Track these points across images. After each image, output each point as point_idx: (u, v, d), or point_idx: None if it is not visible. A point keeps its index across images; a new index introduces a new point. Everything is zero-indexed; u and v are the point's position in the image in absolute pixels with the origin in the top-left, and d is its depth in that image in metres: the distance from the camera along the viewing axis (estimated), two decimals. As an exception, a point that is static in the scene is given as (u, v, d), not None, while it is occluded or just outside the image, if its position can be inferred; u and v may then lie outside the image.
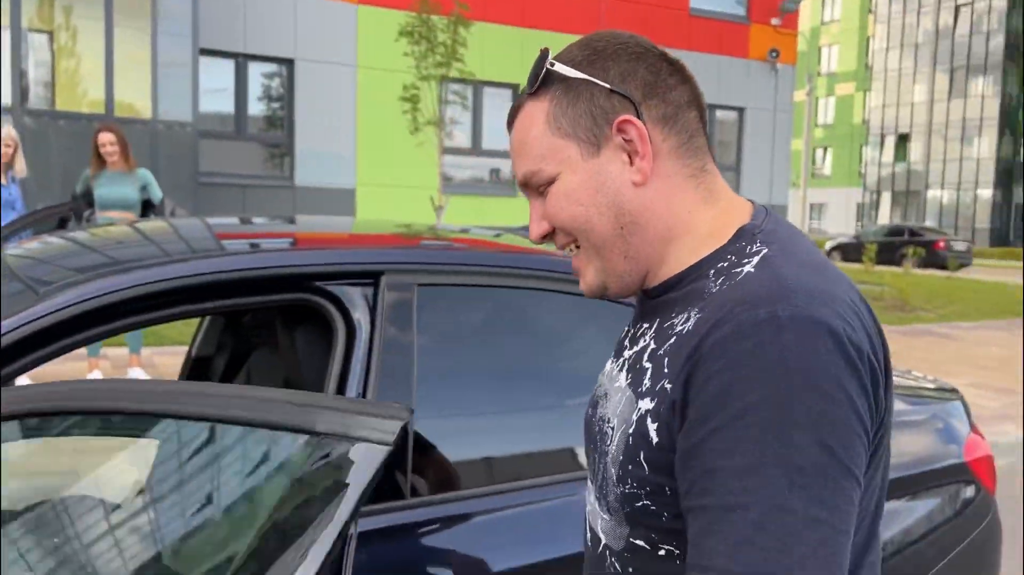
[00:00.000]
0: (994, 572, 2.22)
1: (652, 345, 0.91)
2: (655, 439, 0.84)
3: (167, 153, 9.76)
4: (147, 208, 5.66)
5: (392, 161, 12.07)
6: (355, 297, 1.61)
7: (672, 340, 0.87)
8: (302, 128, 11.95)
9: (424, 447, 1.61)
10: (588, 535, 1.03)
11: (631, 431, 0.88)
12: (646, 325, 0.96)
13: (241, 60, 11.61)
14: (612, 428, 0.92)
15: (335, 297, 1.61)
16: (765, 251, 0.87)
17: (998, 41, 44.13)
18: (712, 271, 0.89)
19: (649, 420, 0.85)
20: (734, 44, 15.81)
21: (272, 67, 11.93)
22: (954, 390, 2.47)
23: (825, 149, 54.43)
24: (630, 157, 0.92)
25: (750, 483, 0.75)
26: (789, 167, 17.29)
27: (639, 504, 0.87)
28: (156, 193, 5.69)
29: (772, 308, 0.78)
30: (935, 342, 9.91)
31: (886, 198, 49.76)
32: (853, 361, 0.78)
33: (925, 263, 23.93)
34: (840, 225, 51.43)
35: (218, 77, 11.44)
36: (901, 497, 2.04)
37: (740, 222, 0.92)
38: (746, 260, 0.87)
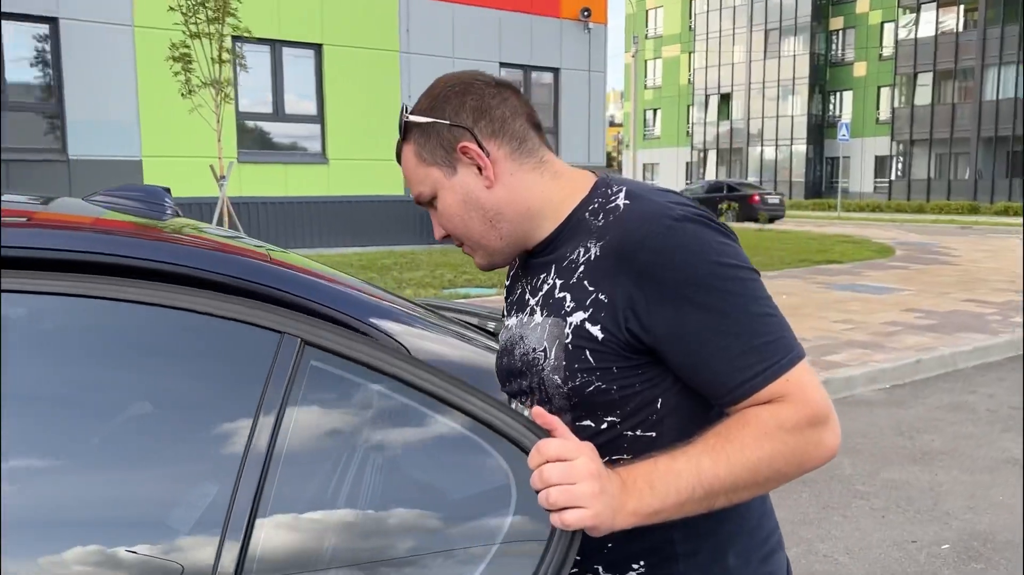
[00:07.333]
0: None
1: (559, 281, 1.20)
2: (600, 336, 1.13)
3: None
4: None
5: (179, 129, 11.19)
6: None
7: (581, 269, 1.16)
8: (73, 95, 10.84)
9: None
10: None
11: (568, 341, 1.16)
12: (543, 275, 1.24)
13: (-6, 19, 10.35)
14: (544, 351, 1.19)
15: None
16: (625, 189, 1.20)
17: (806, 2, 46.85)
18: (587, 214, 1.19)
19: (588, 325, 1.14)
20: (545, 3, 15.75)
21: (31, 27, 10.72)
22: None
23: (655, 111, 56.18)
24: (479, 169, 1.20)
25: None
26: (605, 128, 17.52)
27: (590, 389, 1.16)
28: None
29: (669, 215, 1.12)
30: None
31: (712, 156, 52.17)
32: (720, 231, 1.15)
33: (741, 216, 25.15)
34: (672, 183, 53.61)
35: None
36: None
37: (588, 183, 1.23)
38: (614, 198, 1.18)
